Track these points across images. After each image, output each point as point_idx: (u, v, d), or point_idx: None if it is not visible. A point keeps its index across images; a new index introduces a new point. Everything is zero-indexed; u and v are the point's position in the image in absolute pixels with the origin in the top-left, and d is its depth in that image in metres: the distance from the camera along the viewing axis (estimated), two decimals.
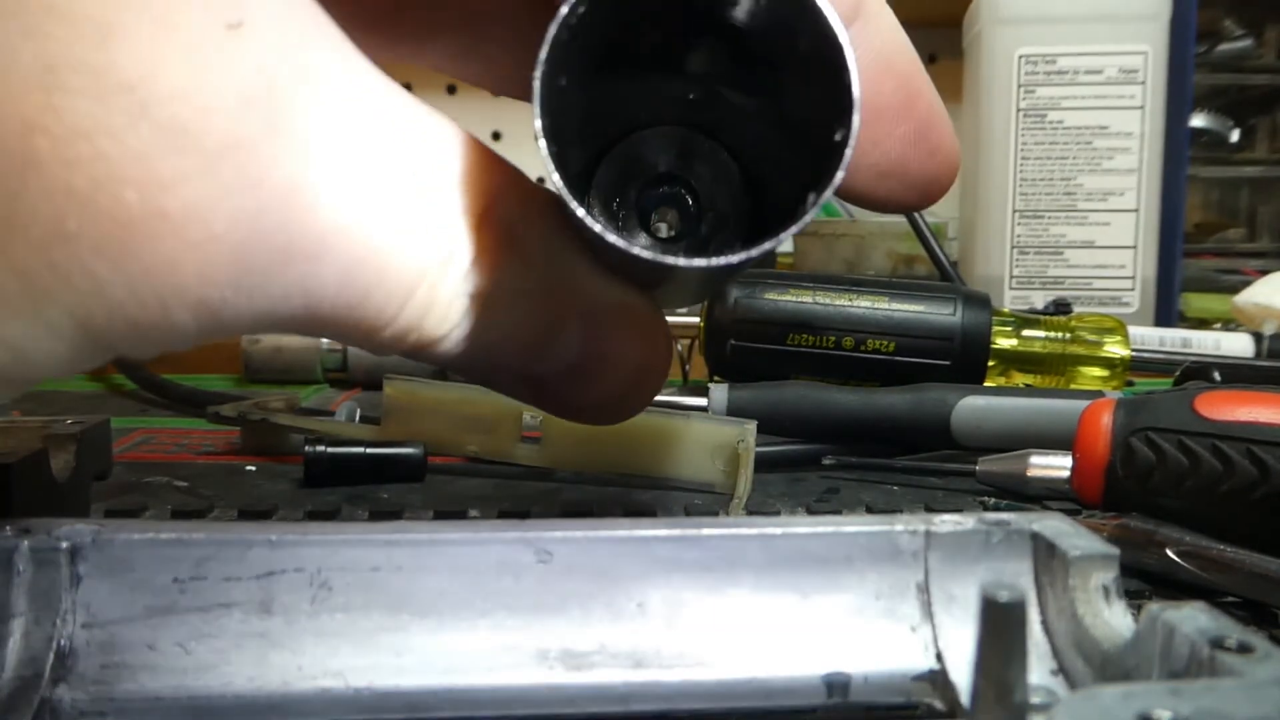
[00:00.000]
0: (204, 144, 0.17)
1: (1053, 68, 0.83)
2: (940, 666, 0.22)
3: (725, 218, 0.26)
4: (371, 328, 0.20)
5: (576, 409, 0.25)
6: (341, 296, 0.19)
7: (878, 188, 0.27)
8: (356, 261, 0.19)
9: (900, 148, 0.27)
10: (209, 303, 0.18)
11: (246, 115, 0.17)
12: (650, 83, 0.25)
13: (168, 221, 0.17)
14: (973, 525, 0.23)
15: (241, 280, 0.18)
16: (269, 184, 0.18)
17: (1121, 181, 0.83)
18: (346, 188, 0.19)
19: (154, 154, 0.17)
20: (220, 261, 0.18)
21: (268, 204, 0.18)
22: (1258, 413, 0.35)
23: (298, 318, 0.20)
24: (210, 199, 0.17)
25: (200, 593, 0.21)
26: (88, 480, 0.38)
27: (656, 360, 0.25)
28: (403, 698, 0.21)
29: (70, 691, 0.20)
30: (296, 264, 0.19)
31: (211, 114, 0.17)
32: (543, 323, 0.23)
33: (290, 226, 0.18)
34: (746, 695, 0.22)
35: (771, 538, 0.23)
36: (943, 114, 0.27)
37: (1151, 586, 0.32)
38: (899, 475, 0.46)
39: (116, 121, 0.17)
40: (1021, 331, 0.58)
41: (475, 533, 0.22)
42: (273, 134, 0.18)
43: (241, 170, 0.17)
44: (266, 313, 0.19)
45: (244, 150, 0.17)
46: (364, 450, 0.43)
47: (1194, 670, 0.18)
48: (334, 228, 0.19)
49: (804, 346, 0.54)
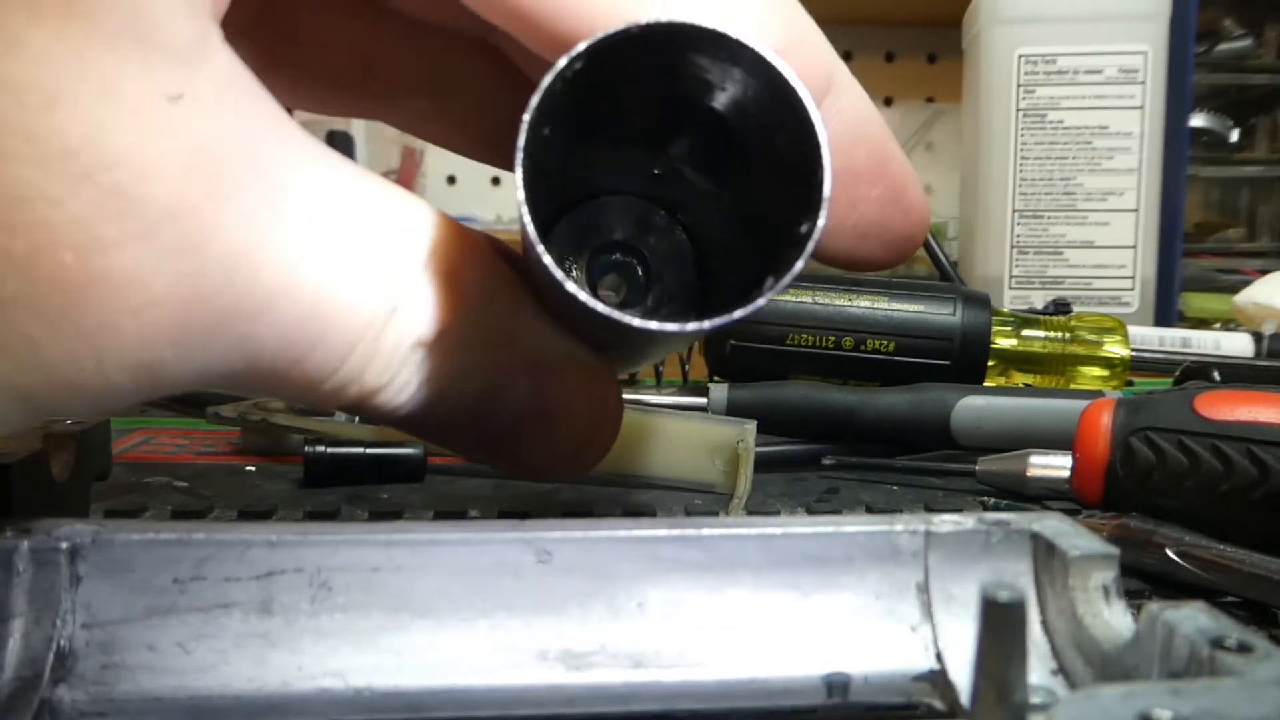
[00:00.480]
0: (145, 209, 0.17)
1: (1052, 67, 0.83)
2: (940, 666, 0.22)
3: (673, 293, 0.27)
4: (312, 382, 0.20)
5: (529, 464, 0.25)
6: (283, 353, 0.20)
7: (857, 248, 0.29)
8: (299, 319, 0.19)
9: (878, 209, 0.28)
10: (148, 364, 0.18)
11: (188, 182, 0.18)
12: (621, 151, 0.25)
13: (107, 285, 0.17)
14: (973, 525, 0.23)
15: (181, 341, 0.18)
16: (211, 248, 0.18)
17: (1121, 181, 0.83)
18: (288, 249, 0.19)
19: (94, 219, 0.17)
20: (161, 324, 0.18)
21: (209, 268, 0.18)
22: (1258, 412, 0.35)
23: (237, 374, 0.20)
24: (151, 263, 0.17)
25: (200, 593, 0.21)
26: (87, 481, 0.38)
27: (606, 414, 0.25)
28: (403, 698, 0.21)
29: (70, 692, 0.20)
30: (238, 324, 0.19)
31: (153, 180, 0.17)
32: (488, 374, 0.23)
33: (232, 288, 0.18)
34: (746, 695, 0.22)
35: (771, 538, 0.23)
36: (912, 175, 0.29)
37: (1151, 586, 0.32)
38: (899, 475, 0.46)
39: (57, 187, 0.17)
40: (1021, 331, 0.58)
41: (475, 533, 0.22)
42: (214, 200, 0.18)
43: (183, 235, 0.18)
44: (205, 371, 0.19)
45: (185, 216, 0.18)
46: (364, 450, 0.43)
47: (1194, 670, 0.18)
48: (277, 289, 0.19)
49: (804, 346, 0.54)
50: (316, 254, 0.19)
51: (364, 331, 0.20)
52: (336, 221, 0.20)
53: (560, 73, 0.20)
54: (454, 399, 0.22)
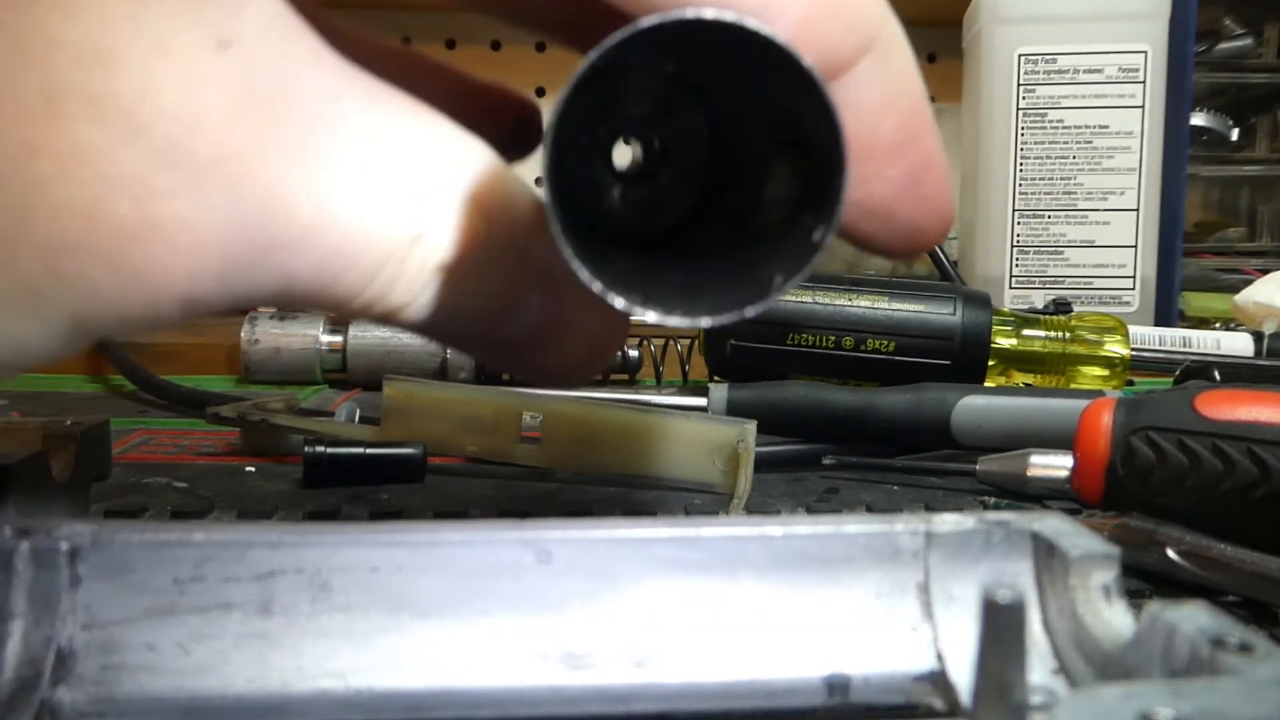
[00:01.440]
0: (193, 159, 0.19)
1: (1053, 67, 0.83)
2: (941, 667, 0.22)
3: (688, 175, 0.26)
4: (341, 301, 0.22)
5: (538, 371, 0.26)
6: (316, 279, 0.21)
7: (861, 226, 0.26)
8: (332, 249, 0.21)
9: (891, 190, 0.26)
10: (194, 296, 0.20)
11: (233, 129, 0.19)
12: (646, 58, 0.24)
13: (159, 230, 0.19)
14: (973, 525, 0.23)
15: (225, 275, 0.20)
16: (252, 190, 0.19)
17: (1121, 181, 0.83)
18: (325, 186, 0.20)
19: (147, 171, 0.18)
20: (207, 262, 0.19)
21: (250, 208, 0.19)
22: (1258, 412, 0.35)
23: (272, 298, 0.21)
24: (198, 209, 0.19)
25: (200, 594, 0.21)
26: (87, 481, 0.38)
27: (615, 325, 0.26)
28: (403, 698, 0.21)
29: (70, 692, 0.20)
30: (276, 256, 0.20)
31: (200, 130, 0.19)
32: (506, 291, 0.24)
33: (272, 225, 0.20)
34: (746, 695, 0.22)
35: (771, 538, 0.23)
36: (941, 163, 0.26)
37: (1152, 586, 0.32)
38: (899, 475, 0.46)
39: (113, 143, 0.18)
40: (1021, 331, 0.58)
41: (475, 533, 0.22)
42: (255, 144, 0.19)
43: (227, 180, 0.19)
44: (244, 296, 0.21)
45: (230, 162, 0.19)
46: (364, 451, 0.43)
47: (1194, 669, 0.18)
48: (312, 223, 0.20)
49: (804, 346, 0.54)
50: (349, 188, 0.21)
51: (390, 257, 0.21)
52: (369, 155, 0.21)
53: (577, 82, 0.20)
54: (472, 313, 0.23)
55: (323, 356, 0.66)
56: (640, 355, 0.64)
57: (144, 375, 0.63)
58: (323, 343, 0.66)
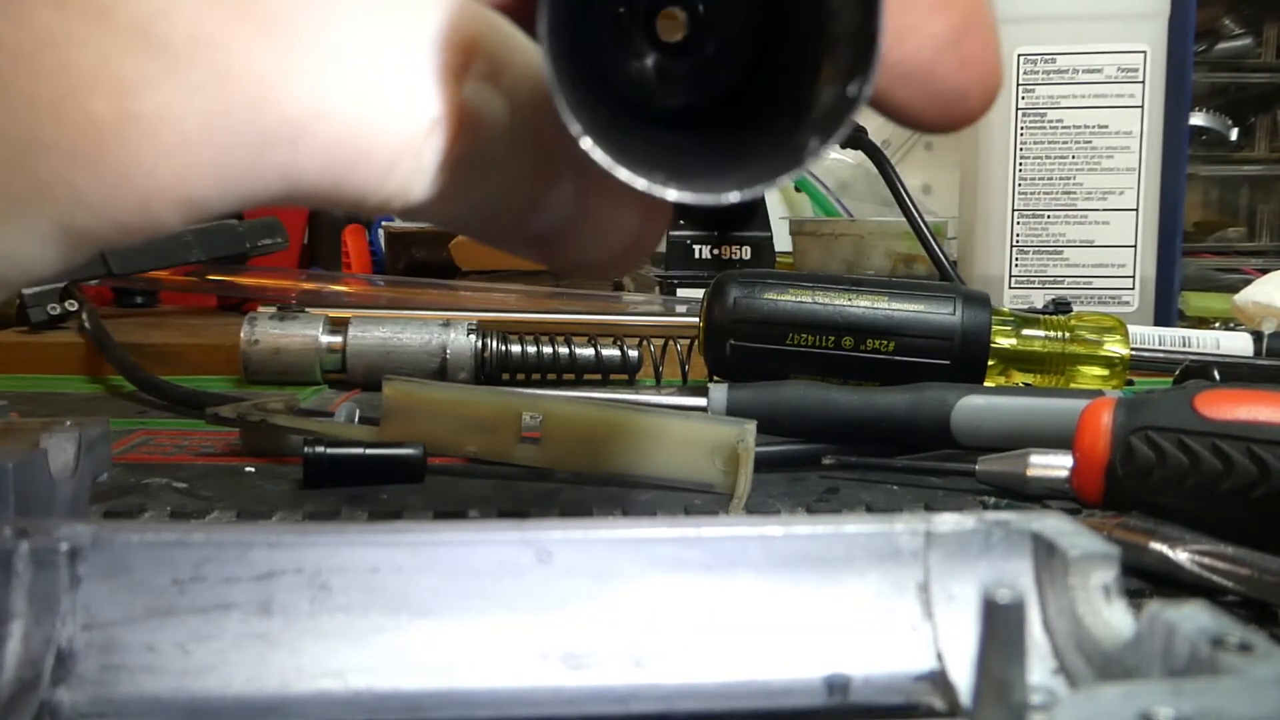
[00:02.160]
0: (167, 44, 0.17)
1: (1052, 67, 0.83)
2: (941, 666, 0.22)
3: (732, 40, 0.25)
4: (355, 198, 0.20)
5: (571, 265, 0.24)
6: (324, 176, 0.19)
7: (897, 92, 0.23)
8: (336, 142, 0.19)
9: (931, 49, 0.23)
10: (191, 198, 0.18)
11: (210, 10, 0.17)
12: None
13: (139, 125, 0.17)
14: (973, 525, 0.23)
15: (220, 174, 0.18)
16: (239, 78, 0.18)
17: (1121, 180, 0.83)
18: (320, 70, 0.19)
19: (118, 58, 0.17)
20: (199, 161, 0.18)
21: (239, 98, 0.18)
22: (1258, 411, 0.35)
23: (278, 197, 0.20)
24: (180, 100, 0.17)
25: (199, 594, 0.21)
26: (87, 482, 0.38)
27: (653, 219, 0.24)
28: (402, 699, 0.21)
29: (70, 693, 0.20)
30: (275, 151, 0.19)
31: (173, 12, 0.17)
32: (533, 182, 0.22)
33: (265, 117, 0.18)
34: (746, 696, 0.22)
35: (771, 538, 0.23)
36: (989, 22, 0.24)
37: (1152, 585, 0.32)
38: (899, 475, 0.46)
39: (77, 28, 0.17)
40: (1021, 331, 0.58)
41: (475, 533, 0.22)
42: (239, 25, 0.18)
43: (209, 67, 0.17)
44: (248, 197, 0.19)
45: (209, 46, 0.17)
46: (363, 451, 0.43)
47: (1195, 669, 0.18)
48: (310, 112, 0.19)
49: (803, 346, 0.54)
50: (350, 73, 0.19)
51: (405, 148, 0.20)
52: (372, 35, 0.19)
53: None
54: (500, 205, 0.22)
55: (322, 357, 0.66)
56: (640, 355, 0.64)
57: (144, 376, 0.63)
58: (322, 343, 0.66)
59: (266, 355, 0.66)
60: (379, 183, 0.20)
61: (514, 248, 0.24)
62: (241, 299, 0.88)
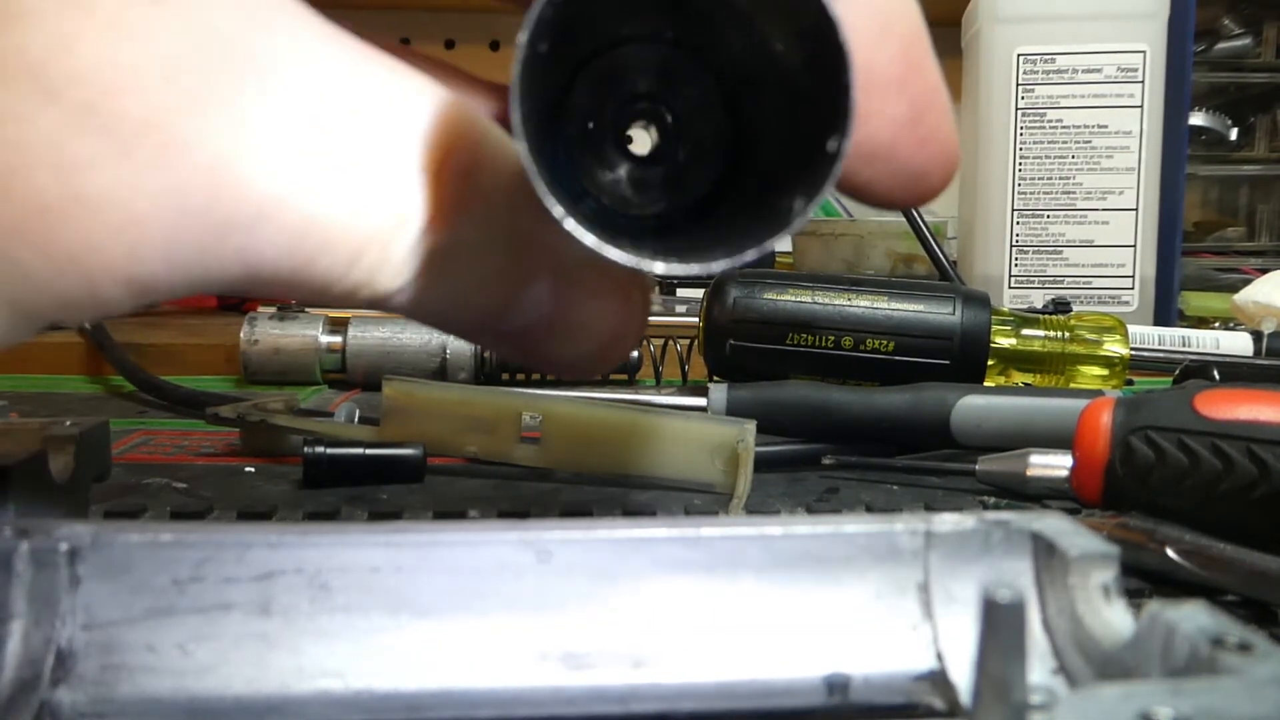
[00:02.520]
0: (119, 124, 0.17)
1: (1051, 66, 0.83)
2: (940, 666, 0.22)
3: (704, 147, 0.25)
4: (319, 287, 0.20)
5: (550, 363, 0.24)
6: (284, 263, 0.19)
7: (861, 172, 0.24)
8: (299, 230, 0.18)
9: (891, 129, 0.24)
10: (139, 278, 0.18)
11: (165, 90, 0.17)
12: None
13: (86, 205, 0.17)
14: (973, 525, 0.23)
15: (173, 256, 0.18)
16: (194, 160, 0.17)
17: (1120, 180, 0.83)
18: (284, 156, 0.18)
19: (67, 137, 0.16)
20: (148, 241, 0.17)
21: (194, 181, 0.17)
22: (1257, 411, 0.35)
23: (238, 282, 0.19)
24: (129, 180, 0.17)
25: (199, 594, 0.21)
26: (87, 482, 0.38)
27: (633, 318, 0.23)
28: (403, 699, 0.21)
29: (70, 693, 0.20)
30: (233, 236, 0.18)
31: (126, 92, 0.17)
32: (508, 279, 0.22)
33: (222, 201, 0.18)
34: (746, 695, 0.22)
35: (771, 538, 0.23)
36: (943, 97, 0.24)
37: (1151, 585, 0.32)
38: (899, 475, 0.46)
39: (25, 106, 0.16)
40: (1021, 330, 0.58)
41: (475, 533, 0.22)
42: (195, 107, 0.17)
43: (161, 148, 0.17)
44: (202, 280, 0.19)
45: (163, 127, 0.17)
46: (363, 451, 0.43)
47: (1194, 669, 0.18)
48: (271, 198, 0.18)
49: (803, 346, 0.54)
50: (313, 160, 0.18)
51: (371, 239, 0.19)
52: (335, 122, 0.19)
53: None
54: (467, 301, 0.21)
55: (322, 357, 0.66)
56: (640, 355, 0.64)
57: (143, 376, 0.63)
58: (322, 343, 0.66)
59: (266, 355, 0.66)
60: (343, 273, 0.19)
61: (489, 344, 0.24)
62: (241, 299, 0.88)
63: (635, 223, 0.25)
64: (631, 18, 0.24)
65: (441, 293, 0.21)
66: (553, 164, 0.21)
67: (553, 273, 0.22)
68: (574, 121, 0.24)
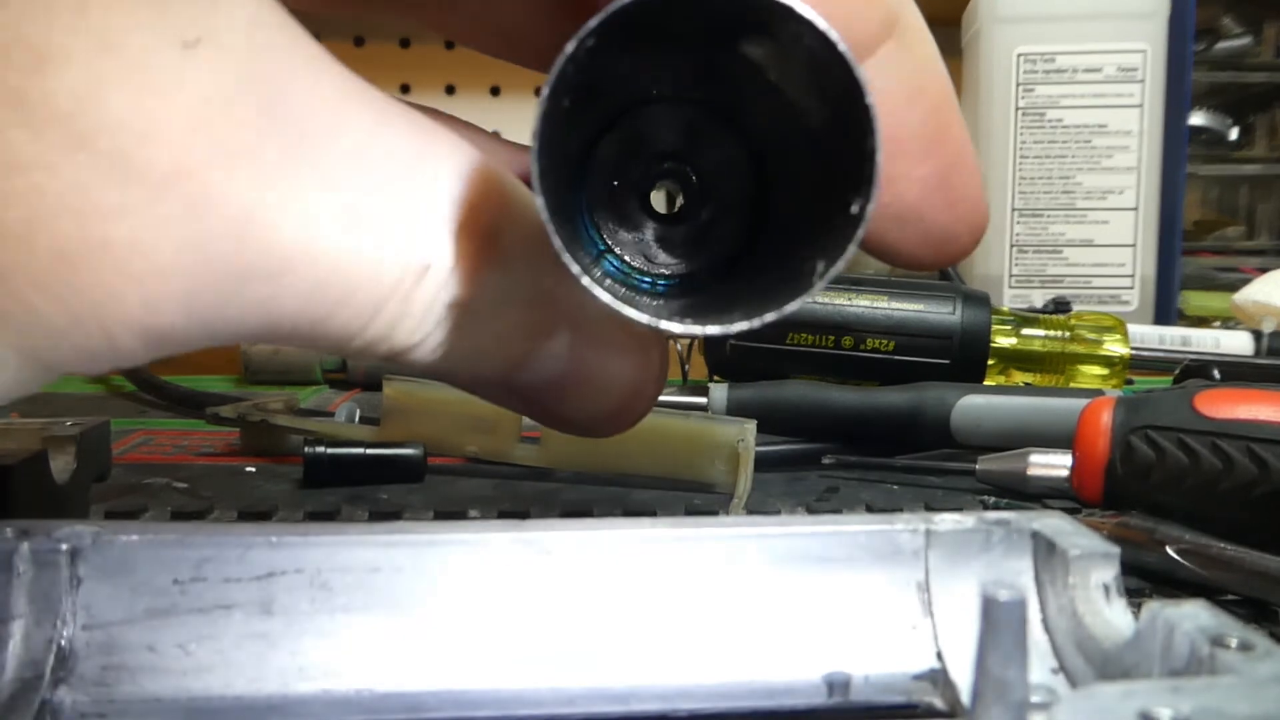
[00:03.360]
0: (147, 173, 0.16)
1: (1051, 66, 0.83)
2: (941, 665, 0.22)
3: (728, 207, 0.25)
4: (338, 340, 0.19)
5: (563, 421, 0.24)
6: (305, 315, 0.19)
7: (890, 233, 0.24)
8: (321, 281, 0.18)
9: (919, 191, 0.24)
10: (157, 329, 0.17)
11: (195, 140, 0.17)
12: (666, 52, 0.23)
13: (109, 254, 0.16)
14: (973, 524, 0.23)
15: (193, 307, 0.17)
16: (221, 210, 0.17)
17: (1120, 180, 0.83)
18: (310, 207, 0.18)
19: (93, 185, 0.16)
20: (169, 291, 0.17)
21: (219, 231, 0.17)
22: (1257, 410, 0.35)
23: (256, 335, 0.19)
24: (155, 230, 0.17)
25: (200, 594, 0.21)
26: (87, 482, 0.38)
27: (649, 377, 0.23)
28: (403, 699, 0.21)
29: (71, 693, 0.20)
30: (254, 288, 0.18)
31: (155, 141, 0.16)
32: (526, 335, 0.21)
33: (246, 251, 0.17)
34: (746, 695, 0.22)
35: (771, 537, 0.23)
36: (972, 162, 0.24)
37: (1152, 584, 0.32)
38: (899, 474, 0.46)
39: (52, 153, 0.16)
40: (1021, 330, 0.58)
41: (475, 533, 0.22)
42: (227, 158, 0.17)
43: (190, 199, 0.17)
44: (221, 332, 0.18)
45: (192, 177, 0.17)
46: (363, 451, 0.43)
47: (1194, 668, 0.18)
48: (295, 249, 0.18)
49: (803, 346, 0.54)
50: (339, 211, 0.18)
51: (392, 292, 0.19)
52: (363, 173, 0.19)
53: (571, 56, 0.18)
54: (485, 356, 0.21)
55: (322, 357, 0.66)
56: None
57: (144, 375, 0.63)
58: None
59: (266, 355, 0.66)
60: (363, 325, 0.19)
61: (504, 401, 0.23)
62: None
63: (656, 280, 0.25)
64: (658, 78, 0.24)
65: (459, 347, 0.21)
66: (576, 220, 0.22)
67: (570, 329, 0.22)
68: (599, 179, 0.25)
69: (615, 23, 0.18)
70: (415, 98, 1.27)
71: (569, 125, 0.20)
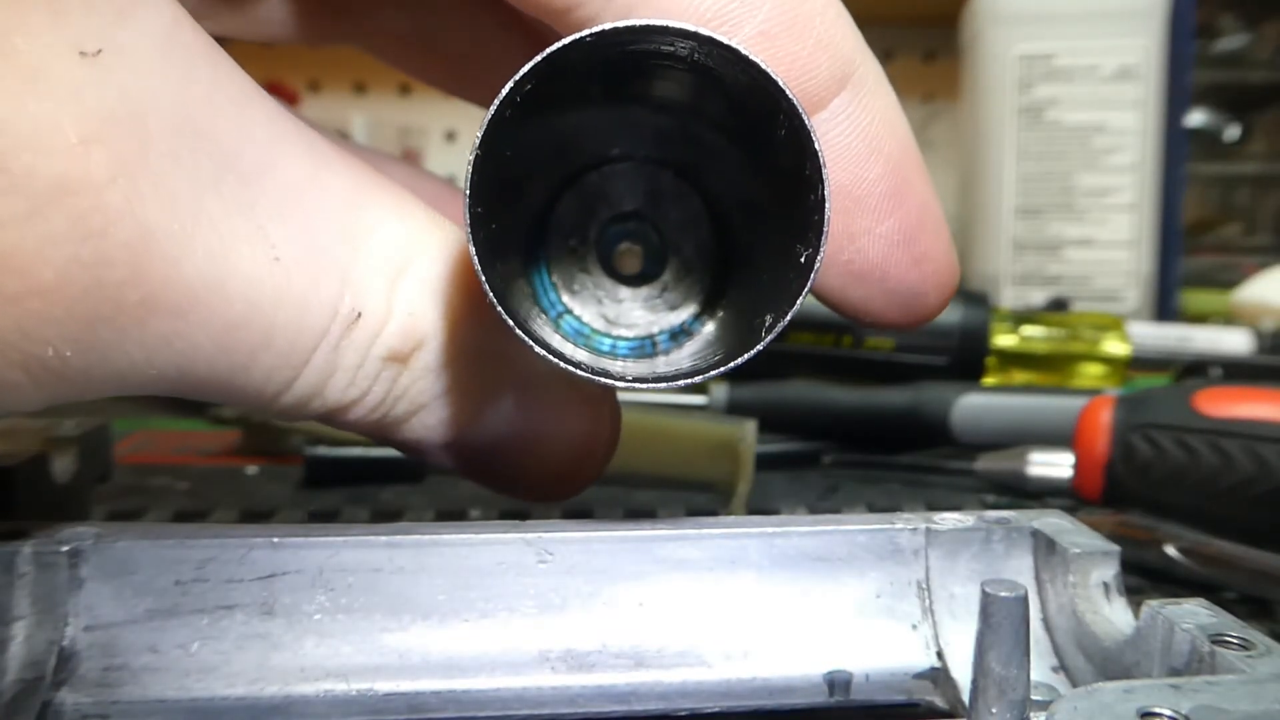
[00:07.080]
0: (29, 185, 0.15)
1: (1051, 66, 0.83)
2: (941, 664, 0.22)
3: (689, 263, 0.25)
4: (265, 393, 0.18)
5: (512, 484, 0.23)
6: (220, 359, 0.17)
7: (851, 292, 0.23)
8: (235, 321, 0.17)
9: (882, 249, 0.23)
10: (43, 361, 0.16)
11: (88, 154, 0.15)
12: (621, 112, 0.23)
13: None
14: (973, 523, 0.23)
15: (84, 338, 0.16)
16: (116, 232, 0.16)
17: (1120, 179, 0.83)
18: (224, 240, 0.17)
19: None
20: (50, 316, 0.16)
21: (114, 255, 0.16)
22: (1257, 409, 0.35)
23: (171, 380, 0.17)
24: (35, 246, 0.15)
25: (202, 595, 0.21)
26: (89, 483, 0.38)
27: (600, 434, 0.22)
28: (404, 699, 0.21)
29: (73, 694, 0.20)
30: (158, 321, 0.16)
31: (39, 149, 0.15)
32: (472, 393, 0.20)
33: (146, 280, 0.16)
34: (747, 695, 0.22)
35: (772, 537, 0.23)
36: (937, 218, 0.23)
37: (1152, 583, 0.32)
38: (899, 473, 0.46)
39: None
40: (1020, 329, 0.58)
41: (476, 534, 0.22)
42: (125, 175, 0.16)
43: (78, 216, 0.15)
44: (129, 374, 0.17)
45: (82, 194, 0.15)
46: (364, 452, 0.43)
47: (1194, 666, 0.18)
48: (202, 283, 0.16)
49: (804, 345, 0.54)
50: (260, 248, 0.17)
51: (319, 339, 0.18)
52: (292, 213, 0.17)
53: (508, 97, 0.17)
54: (434, 417, 0.20)
55: None
56: None
57: None
58: None
59: None
60: (290, 377, 0.18)
61: (455, 463, 0.22)
62: None
63: (617, 342, 0.25)
64: (615, 137, 0.24)
65: (400, 407, 0.20)
66: (533, 279, 0.21)
67: (518, 388, 0.21)
68: (558, 238, 0.24)
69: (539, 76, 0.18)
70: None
71: (513, 180, 0.20)
